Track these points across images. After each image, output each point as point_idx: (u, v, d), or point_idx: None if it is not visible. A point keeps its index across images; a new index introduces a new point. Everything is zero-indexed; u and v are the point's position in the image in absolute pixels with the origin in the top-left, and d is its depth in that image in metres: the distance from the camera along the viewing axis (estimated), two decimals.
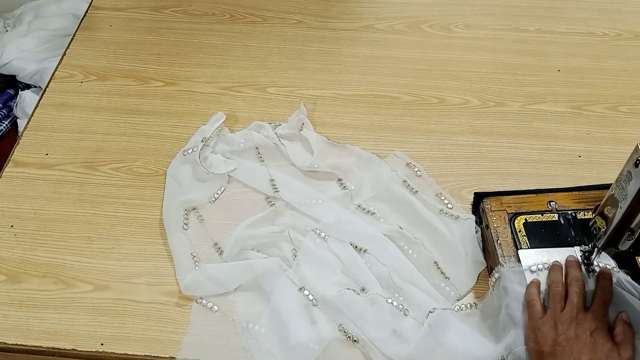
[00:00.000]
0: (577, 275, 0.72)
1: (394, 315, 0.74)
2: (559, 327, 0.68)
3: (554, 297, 0.71)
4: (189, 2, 1.20)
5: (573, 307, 0.69)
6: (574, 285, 0.71)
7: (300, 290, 0.76)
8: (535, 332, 0.69)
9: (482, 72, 1.06)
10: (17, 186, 0.90)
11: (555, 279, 0.72)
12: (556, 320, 0.69)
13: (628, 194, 0.61)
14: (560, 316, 0.69)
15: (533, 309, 0.71)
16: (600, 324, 0.68)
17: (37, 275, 0.81)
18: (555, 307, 0.70)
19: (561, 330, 0.68)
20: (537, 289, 0.72)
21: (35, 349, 0.74)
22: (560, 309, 0.69)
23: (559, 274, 0.73)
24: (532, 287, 0.72)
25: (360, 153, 0.92)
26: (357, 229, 0.82)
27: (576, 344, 0.66)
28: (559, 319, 0.69)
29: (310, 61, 1.08)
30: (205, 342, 0.74)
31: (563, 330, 0.67)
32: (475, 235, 0.82)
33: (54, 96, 1.03)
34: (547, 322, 0.69)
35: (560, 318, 0.69)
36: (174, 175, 0.90)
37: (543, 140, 0.95)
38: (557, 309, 0.69)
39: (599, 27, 1.14)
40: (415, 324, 0.74)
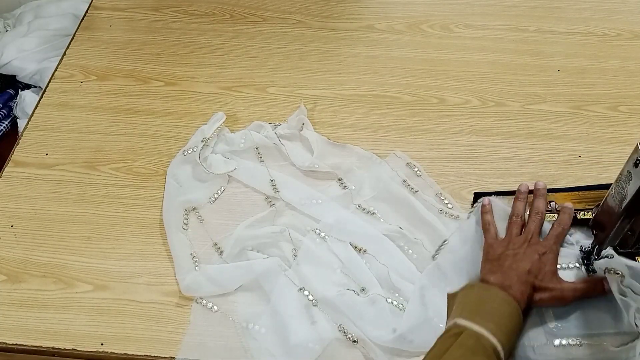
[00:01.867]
0: (539, 206, 0.77)
1: (394, 315, 0.74)
2: (510, 245, 0.73)
3: (511, 226, 0.76)
4: (189, 2, 1.20)
5: (528, 233, 0.74)
6: (533, 216, 0.76)
7: (300, 290, 0.76)
8: (487, 248, 0.74)
9: (482, 72, 1.06)
10: (17, 186, 0.90)
11: (517, 210, 0.77)
12: (509, 241, 0.74)
13: (628, 194, 0.61)
14: (514, 238, 0.74)
15: (488, 232, 0.76)
16: (550, 251, 0.72)
17: (37, 275, 0.81)
18: (512, 232, 0.75)
19: (511, 247, 0.73)
20: (491, 215, 0.78)
21: (35, 349, 0.74)
22: (516, 234, 0.75)
23: (521, 206, 0.78)
24: (486, 214, 0.78)
25: (361, 153, 0.92)
26: (357, 229, 0.82)
27: (521, 256, 0.71)
28: (512, 240, 0.74)
29: (311, 61, 1.08)
30: (205, 342, 0.74)
31: (512, 247, 0.73)
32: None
33: (54, 96, 1.03)
34: (501, 242, 0.75)
35: (513, 239, 0.74)
36: (174, 175, 0.90)
37: (543, 140, 0.95)
38: (513, 234, 0.75)
39: (599, 27, 1.14)
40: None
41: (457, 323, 0.65)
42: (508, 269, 0.70)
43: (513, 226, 0.76)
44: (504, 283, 0.68)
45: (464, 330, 0.63)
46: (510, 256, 0.71)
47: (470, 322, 0.64)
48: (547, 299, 0.69)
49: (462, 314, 0.65)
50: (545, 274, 0.70)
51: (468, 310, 0.66)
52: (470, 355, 0.61)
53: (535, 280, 0.69)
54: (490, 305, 0.66)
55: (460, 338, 0.63)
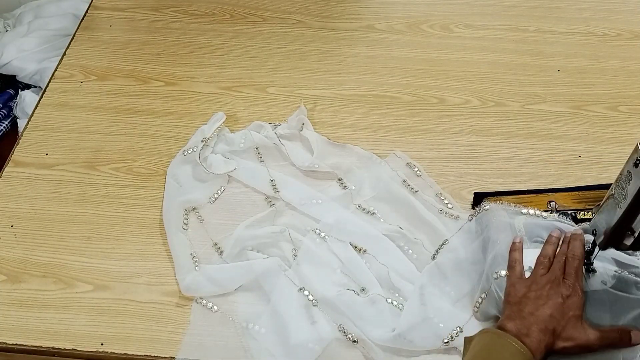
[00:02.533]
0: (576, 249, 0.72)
1: (394, 315, 0.74)
2: (533, 286, 0.69)
3: (538, 265, 0.72)
4: (189, 2, 1.20)
5: (553, 273, 0.70)
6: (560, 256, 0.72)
7: (300, 290, 0.76)
8: (509, 288, 0.71)
9: (482, 72, 1.06)
10: (17, 186, 0.90)
11: (545, 252, 0.73)
12: (533, 281, 0.70)
13: (628, 194, 0.61)
14: (537, 278, 0.70)
15: (513, 270, 0.72)
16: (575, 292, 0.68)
17: (37, 275, 0.81)
18: (537, 272, 0.71)
19: (534, 288, 0.69)
20: (520, 253, 0.74)
21: (35, 349, 0.74)
22: (541, 275, 0.71)
23: (551, 249, 0.73)
24: (516, 252, 0.74)
25: (361, 153, 0.92)
26: (357, 229, 0.82)
27: (543, 300, 0.68)
28: (536, 280, 0.70)
29: (310, 61, 1.08)
30: (205, 342, 0.74)
31: (535, 289, 0.69)
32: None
33: (54, 96, 1.03)
34: (524, 281, 0.71)
35: (537, 279, 0.70)
36: (174, 175, 0.90)
37: (543, 140, 0.95)
38: (537, 274, 0.71)
39: (599, 27, 1.14)
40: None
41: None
42: (528, 315, 0.66)
43: (539, 266, 0.71)
44: (521, 331, 0.65)
45: None
46: (531, 299, 0.68)
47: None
48: (572, 348, 0.66)
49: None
50: (569, 320, 0.66)
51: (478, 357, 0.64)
52: None
53: (558, 326, 0.66)
54: (500, 356, 0.64)
55: None
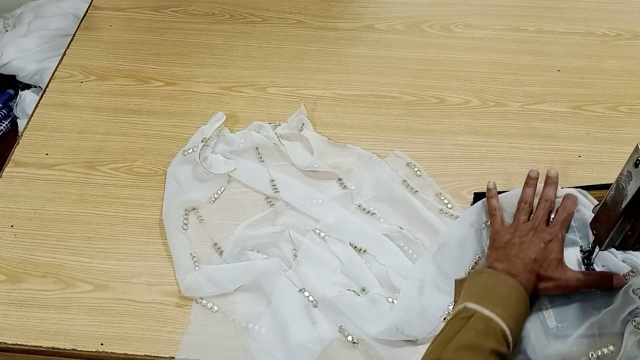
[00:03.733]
0: (549, 194, 0.76)
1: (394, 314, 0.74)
2: (517, 233, 0.73)
3: (519, 212, 0.76)
4: (189, 2, 1.20)
5: (535, 220, 0.74)
6: (542, 203, 0.76)
7: (300, 291, 0.76)
8: (494, 235, 0.74)
9: (482, 72, 1.06)
10: (17, 186, 0.90)
11: (525, 196, 0.77)
12: (516, 228, 0.73)
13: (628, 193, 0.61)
14: (521, 225, 0.74)
15: (494, 218, 0.76)
16: (556, 238, 0.72)
17: (37, 275, 0.81)
18: (519, 219, 0.75)
19: (517, 234, 0.72)
20: (497, 200, 0.77)
21: (35, 349, 0.74)
22: (523, 221, 0.74)
23: (530, 192, 0.77)
24: (492, 198, 0.78)
25: (361, 153, 0.92)
26: (357, 229, 0.82)
27: (527, 244, 0.71)
28: (519, 227, 0.73)
29: (311, 61, 1.08)
30: (205, 342, 0.74)
31: (519, 235, 0.72)
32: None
33: (54, 96, 1.03)
34: (507, 229, 0.74)
35: (520, 226, 0.74)
36: (174, 175, 0.90)
37: (543, 140, 0.95)
38: (520, 221, 0.74)
39: (599, 27, 1.14)
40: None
41: (466, 306, 0.65)
42: (514, 257, 0.70)
43: (521, 212, 0.76)
44: (511, 271, 0.69)
45: (473, 314, 0.64)
46: (516, 244, 0.71)
47: (480, 306, 0.65)
48: (551, 288, 0.70)
49: (471, 298, 0.66)
50: (550, 263, 0.70)
51: (477, 294, 0.67)
52: (481, 338, 0.62)
53: (540, 269, 0.70)
54: (499, 291, 0.67)
55: (471, 321, 0.63)
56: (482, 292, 0.67)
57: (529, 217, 0.76)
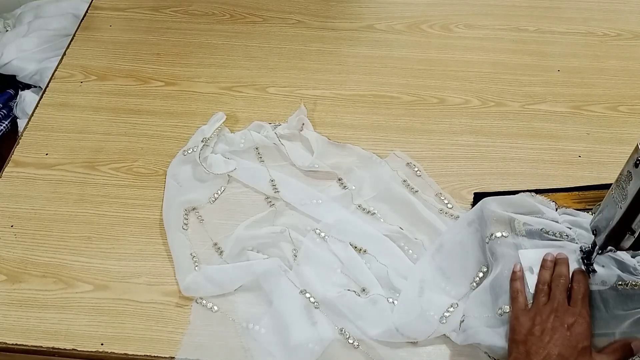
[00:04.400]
0: (562, 271, 0.72)
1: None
2: (537, 319, 0.68)
3: (538, 294, 0.71)
4: (189, 2, 1.20)
5: (554, 301, 0.70)
6: (557, 280, 0.71)
7: (301, 293, 0.76)
8: (514, 322, 0.70)
9: (482, 72, 1.06)
10: (17, 186, 0.90)
11: (543, 279, 0.72)
12: (536, 312, 0.69)
13: (628, 194, 0.61)
14: (540, 309, 0.69)
15: (516, 301, 0.71)
16: (580, 317, 0.68)
17: (37, 275, 0.81)
18: (539, 301, 0.70)
19: (538, 321, 0.68)
20: (521, 283, 0.73)
21: (35, 349, 0.74)
22: (543, 303, 0.70)
23: (547, 274, 0.73)
24: (516, 281, 0.73)
25: (361, 153, 0.92)
26: (357, 229, 0.82)
27: (549, 335, 0.67)
28: (539, 311, 0.69)
29: (311, 61, 1.08)
30: (205, 342, 0.74)
31: (540, 322, 0.68)
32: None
33: (54, 96, 1.03)
34: (527, 313, 0.70)
35: (540, 310, 0.69)
36: (174, 175, 0.90)
37: (543, 140, 0.95)
38: (540, 303, 0.70)
39: (599, 27, 1.14)
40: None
41: None
42: (535, 355, 0.65)
43: (540, 294, 0.71)
44: None
45: None
46: (536, 337, 0.67)
47: None
48: None
49: None
50: (578, 355, 0.65)
51: None
52: None
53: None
54: None
55: None
56: None
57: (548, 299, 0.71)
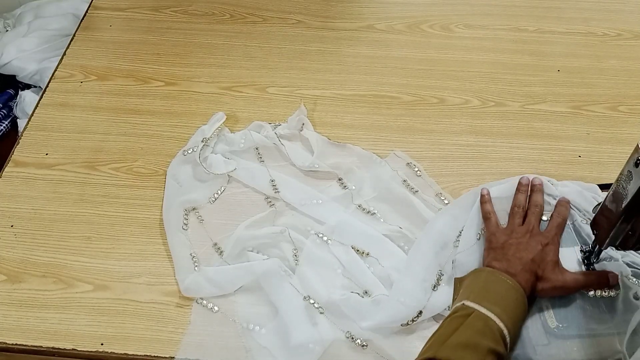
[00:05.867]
0: (538, 200, 0.78)
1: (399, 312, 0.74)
2: (513, 235, 0.74)
3: (513, 216, 0.77)
4: (189, 2, 1.20)
5: (529, 224, 0.75)
6: (532, 208, 0.77)
7: (305, 299, 0.76)
8: (490, 237, 0.75)
9: (482, 72, 1.06)
10: (17, 186, 0.90)
11: (518, 201, 0.78)
12: (512, 230, 0.75)
13: (628, 194, 0.61)
14: (516, 228, 0.75)
15: (489, 221, 0.77)
16: (552, 242, 0.73)
17: (37, 275, 0.81)
18: (514, 222, 0.76)
19: (514, 237, 0.73)
20: (491, 205, 0.79)
21: (35, 349, 0.74)
22: (518, 224, 0.75)
23: (523, 197, 0.79)
24: (486, 203, 0.79)
25: (361, 153, 0.92)
26: (359, 232, 0.82)
27: (524, 245, 0.72)
28: (514, 230, 0.75)
29: (311, 61, 1.08)
30: (205, 343, 0.74)
31: (515, 237, 0.73)
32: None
33: (54, 96, 1.03)
34: (503, 230, 0.75)
35: (516, 229, 0.75)
36: (174, 175, 0.90)
37: (543, 140, 0.95)
38: (515, 224, 0.75)
39: (599, 27, 1.14)
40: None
41: (465, 305, 0.66)
42: (512, 257, 0.71)
43: (515, 216, 0.77)
44: (509, 270, 0.69)
45: (472, 312, 0.64)
46: (513, 245, 0.72)
47: (478, 305, 0.65)
48: (549, 289, 0.70)
49: (469, 297, 0.67)
50: (547, 264, 0.71)
51: (476, 293, 0.67)
52: (478, 336, 0.62)
53: (538, 269, 0.70)
54: (498, 290, 0.67)
55: (469, 319, 0.64)
56: (480, 290, 0.68)
57: (523, 221, 0.76)
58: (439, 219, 0.81)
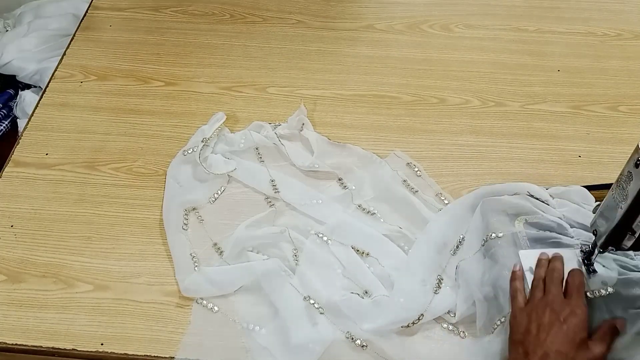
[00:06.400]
0: (556, 265, 0.73)
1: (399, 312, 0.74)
2: (533, 315, 0.69)
3: (534, 289, 0.72)
4: (189, 2, 1.20)
5: (549, 294, 0.70)
6: (550, 274, 0.72)
7: (305, 299, 0.76)
8: (512, 321, 0.70)
9: (482, 72, 1.06)
10: (17, 186, 0.90)
11: (538, 276, 0.73)
12: (532, 308, 0.69)
13: (628, 194, 0.61)
14: (536, 304, 0.70)
15: (515, 300, 0.72)
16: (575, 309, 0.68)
17: (37, 275, 0.81)
18: (534, 297, 0.71)
19: (534, 317, 0.68)
20: (521, 282, 0.73)
21: (35, 349, 0.74)
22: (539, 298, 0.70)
23: (543, 271, 0.73)
24: (516, 281, 0.74)
25: (361, 153, 0.92)
26: (359, 232, 0.82)
27: (545, 332, 0.66)
28: (535, 306, 0.69)
29: (311, 61, 1.08)
30: (205, 343, 0.74)
31: (536, 318, 0.68)
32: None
33: (54, 96, 1.03)
34: (524, 310, 0.70)
35: (536, 305, 0.69)
36: (174, 175, 0.90)
37: (543, 140, 0.95)
38: (535, 298, 0.71)
39: (599, 27, 1.14)
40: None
41: None
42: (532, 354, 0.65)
43: (535, 290, 0.72)
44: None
45: None
46: (533, 335, 0.67)
47: None
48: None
49: None
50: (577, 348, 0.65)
51: None
52: None
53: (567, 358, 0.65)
54: None
55: None
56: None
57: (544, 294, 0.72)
58: (439, 219, 0.81)
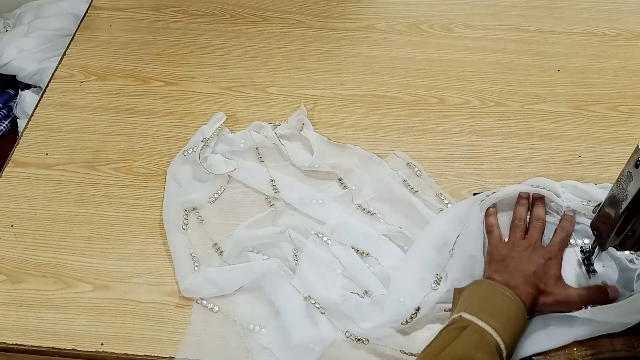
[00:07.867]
0: (539, 214, 0.77)
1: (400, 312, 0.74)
2: (515, 248, 0.73)
3: (515, 229, 0.76)
4: (189, 2, 1.20)
5: (531, 238, 0.75)
6: (534, 222, 0.77)
7: (306, 299, 0.76)
8: (492, 249, 0.74)
9: (482, 72, 1.06)
10: (17, 186, 0.90)
11: (519, 215, 0.78)
12: (514, 244, 0.74)
13: (628, 194, 0.61)
14: (518, 241, 0.74)
15: (492, 234, 0.76)
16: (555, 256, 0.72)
17: (37, 275, 0.81)
18: (515, 235, 0.75)
19: (516, 249, 0.73)
20: (495, 217, 0.78)
21: (35, 349, 0.74)
22: (520, 238, 0.75)
23: (523, 211, 0.78)
24: (490, 216, 0.78)
25: (361, 153, 0.92)
26: (359, 232, 0.82)
27: (526, 259, 0.71)
28: (516, 243, 0.74)
29: (311, 61, 1.08)
30: (205, 343, 0.74)
31: (517, 250, 0.73)
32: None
33: (54, 96, 1.03)
34: (505, 244, 0.75)
35: (517, 242, 0.74)
36: (174, 176, 0.90)
37: (543, 140, 0.95)
38: (517, 237, 0.75)
39: (599, 27, 1.14)
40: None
41: (462, 317, 0.65)
42: (514, 270, 0.70)
43: (516, 230, 0.76)
44: (510, 283, 0.68)
45: (468, 325, 0.64)
46: (515, 258, 0.71)
47: (475, 317, 0.64)
48: (552, 303, 0.69)
49: (467, 309, 0.66)
50: (550, 278, 0.70)
51: (474, 305, 0.66)
52: (473, 350, 0.61)
53: (540, 283, 0.69)
54: (497, 303, 0.66)
55: (465, 332, 0.63)
56: (479, 303, 0.67)
57: (525, 235, 0.76)
58: (440, 220, 0.81)
